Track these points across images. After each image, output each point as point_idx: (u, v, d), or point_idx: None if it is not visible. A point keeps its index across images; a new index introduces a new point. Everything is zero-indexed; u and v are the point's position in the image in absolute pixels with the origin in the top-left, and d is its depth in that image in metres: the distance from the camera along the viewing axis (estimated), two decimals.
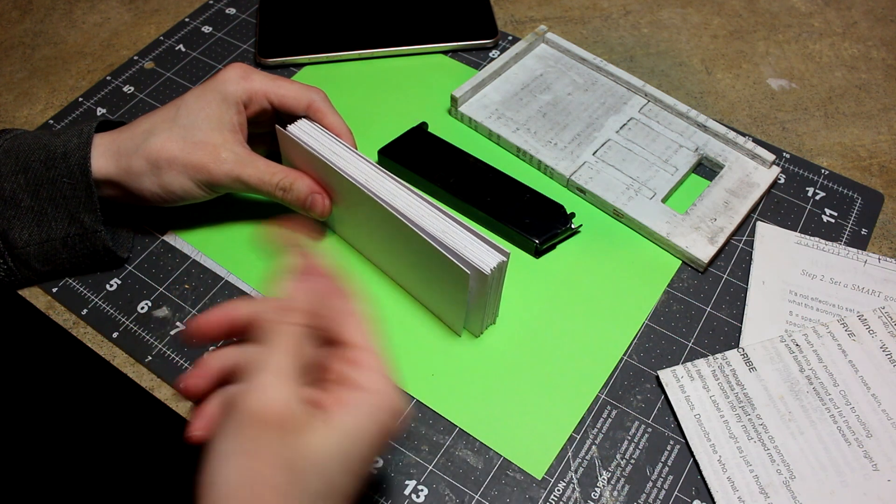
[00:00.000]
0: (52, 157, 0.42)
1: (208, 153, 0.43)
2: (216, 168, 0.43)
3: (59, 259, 0.44)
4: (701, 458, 0.39)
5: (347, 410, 0.29)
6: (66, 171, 0.42)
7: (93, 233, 0.44)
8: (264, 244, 0.46)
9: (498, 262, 0.38)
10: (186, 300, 0.46)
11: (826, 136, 0.55)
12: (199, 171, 0.43)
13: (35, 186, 0.43)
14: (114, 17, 0.64)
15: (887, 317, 0.44)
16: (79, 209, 0.43)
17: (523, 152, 0.52)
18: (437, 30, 0.60)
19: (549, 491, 0.39)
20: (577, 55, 0.57)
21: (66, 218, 0.43)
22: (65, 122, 0.55)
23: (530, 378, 0.42)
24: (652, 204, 0.49)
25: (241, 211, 0.50)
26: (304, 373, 0.30)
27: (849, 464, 0.39)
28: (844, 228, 0.49)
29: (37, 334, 0.50)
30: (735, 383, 0.42)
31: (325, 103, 0.46)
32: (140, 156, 0.42)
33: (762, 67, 0.60)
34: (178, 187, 0.43)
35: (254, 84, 0.44)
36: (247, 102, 0.45)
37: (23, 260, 0.44)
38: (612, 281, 0.47)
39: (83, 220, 0.43)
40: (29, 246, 0.43)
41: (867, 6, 0.65)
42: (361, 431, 0.29)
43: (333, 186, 0.44)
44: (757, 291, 0.46)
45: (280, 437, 0.27)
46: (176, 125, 0.43)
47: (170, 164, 0.42)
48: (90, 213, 0.43)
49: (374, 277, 0.46)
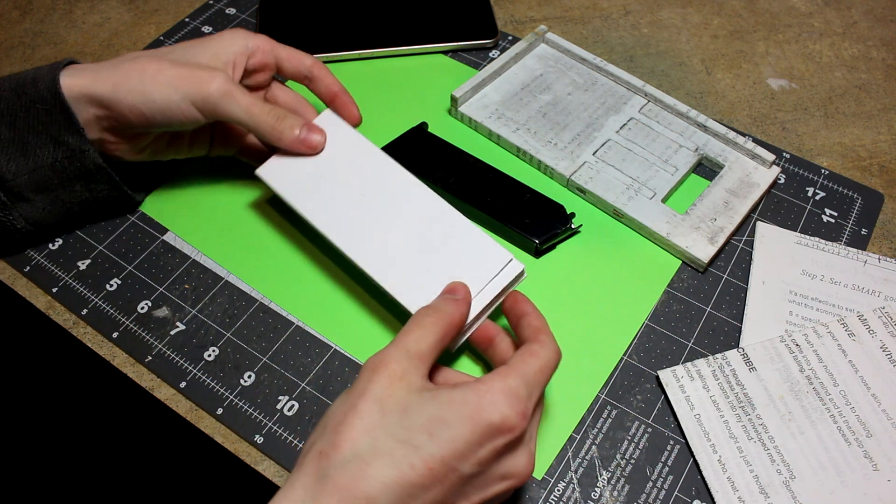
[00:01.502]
0: (22, 84, 0.41)
1: (201, 68, 0.42)
2: (209, 78, 0.41)
3: (53, 185, 0.43)
4: (701, 458, 0.39)
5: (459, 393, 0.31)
6: (37, 97, 0.41)
7: (80, 153, 0.42)
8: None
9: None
10: (186, 300, 0.46)
11: (826, 136, 0.55)
12: (190, 82, 0.41)
13: (10, 117, 0.41)
14: (114, 18, 0.64)
15: (887, 317, 0.44)
16: (60, 132, 0.41)
17: (523, 152, 0.52)
18: (437, 30, 0.60)
19: (549, 491, 0.39)
20: (577, 55, 0.57)
21: (49, 143, 0.42)
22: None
23: None
24: (652, 204, 0.49)
25: (242, 211, 0.50)
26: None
27: (849, 464, 0.39)
28: (844, 228, 0.49)
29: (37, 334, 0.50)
30: (735, 383, 0.42)
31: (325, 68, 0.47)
32: (125, 67, 0.41)
33: (762, 67, 0.60)
34: (164, 101, 0.41)
35: (259, 40, 0.45)
36: (252, 52, 0.44)
37: (16, 193, 0.43)
38: (612, 281, 0.47)
39: (68, 142, 0.42)
40: (18, 177, 0.42)
41: (867, 6, 0.65)
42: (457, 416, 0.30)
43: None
44: (757, 291, 0.46)
45: (387, 383, 0.31)
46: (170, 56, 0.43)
47: (156, 75, 0.41)
48: (73, 133, 0.41)
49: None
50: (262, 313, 0.45)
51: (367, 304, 0.46)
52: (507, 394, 0.31)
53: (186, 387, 0.42)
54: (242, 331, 0.44)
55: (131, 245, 0.48)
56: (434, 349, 0.34)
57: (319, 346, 0.44)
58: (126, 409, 0.74)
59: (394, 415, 0.30)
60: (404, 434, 0.29)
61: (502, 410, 0.30)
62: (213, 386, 0.42)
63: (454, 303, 0.36)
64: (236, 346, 0.44)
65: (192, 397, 0.42)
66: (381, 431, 0.30)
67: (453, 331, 0.35)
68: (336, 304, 0.45)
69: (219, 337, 0.44)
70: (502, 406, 0.30)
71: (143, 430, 0.75)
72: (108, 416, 0.78)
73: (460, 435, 0.29)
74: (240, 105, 0.42)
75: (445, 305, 0.36)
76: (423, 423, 0.30)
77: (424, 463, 0.29)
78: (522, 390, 0.31)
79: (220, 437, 0.41)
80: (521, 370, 0.32)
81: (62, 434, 0.80)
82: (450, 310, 0.36)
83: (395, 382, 0.31)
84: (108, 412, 0.78)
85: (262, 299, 0.46)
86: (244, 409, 0.41)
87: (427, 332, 0.34)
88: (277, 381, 0.43)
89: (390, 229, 0.43)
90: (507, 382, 0.31)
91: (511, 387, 0.31)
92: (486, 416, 0.30)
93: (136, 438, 0.77)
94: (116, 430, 0.78)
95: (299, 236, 0.49)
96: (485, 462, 0.30)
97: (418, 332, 0.34)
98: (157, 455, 0.76)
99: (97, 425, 0.80)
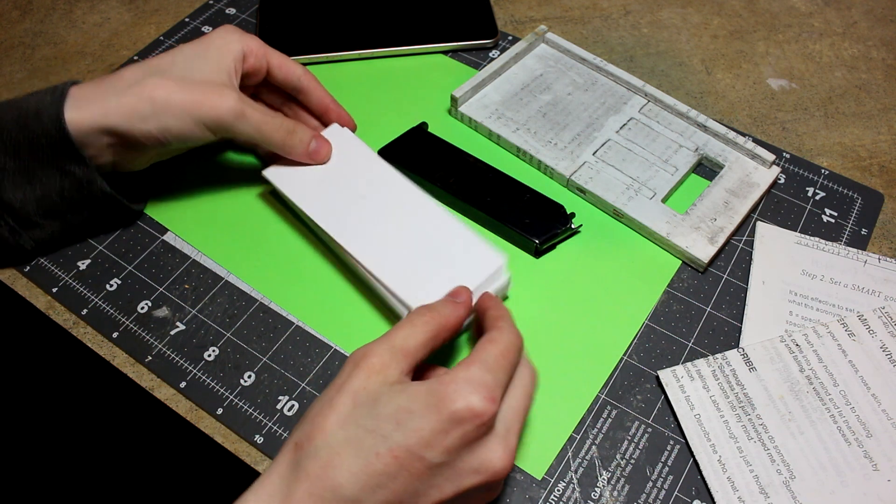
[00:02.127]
0: (25, 115, 0.41)
1: (210, 89, 0.42)
2: (220, 101, 0.41)
3: (61, 211, 0.43)
4: (701, 458, 0.39)
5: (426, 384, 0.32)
6: (41, 131, 0.40)
7: (88, 183, 0.42)
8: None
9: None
10: (186, 300, 0.46)
11: (826, 136, 0.55)
12: (202, 107, 0.41)
13: (14, 148, 0.41)
14: (114, 18, 0.64)
15: (887, 317, 0.44)
16: (66, 163, 0.41)
17: (523, 152, 0.52)
18: (437, 30, 0.60)
19: (549, 491, 0.39)
20: (577, 55, 0.57)
21: (56, 173, 0.42)
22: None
23: None
24: (652, 204, 0.49)
25: (242, 211, 0.50)
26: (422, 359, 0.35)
27: (849, 464, 0.39)
28: (844, 228, 0.49)
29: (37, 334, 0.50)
30: (735, 383, 0.42)
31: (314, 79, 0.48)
32: (133, 93, 0.41)
33: (762, 67, 0.60)
34: (178, 128, 0.41)
35: (252, 42, 0.45)
36: (245, 56, 0.44)
37: (23, 217, 0.43)
38: (612, 281, 0.47)
39: (74, 173, 0.42)
40: (26, 204, 0.42)
41: (867, 6, 0.65)
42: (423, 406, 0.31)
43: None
44: (757, 291, 0.46)
45: (364, 376, 0.32)
46: (173, 71, 0.42)
47: (168, 102, 0.41)
48: (80, 165, 0.41)
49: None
50: (262, 313, 0.45)
51: (367, 305, 0.46)
52: (469, 381, 0.31)
53: (186, 387, 0.42)
54: (242, 331, 0.44)
55: (131, 245, 0.48)
56: (422, 347, 0.34)
57: (319, 346, 0.44)
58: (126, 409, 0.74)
59: (364, 406, 0.31)
60: (373, 424, 0.30)
61: (466, 398, 0.31)
62: (213, 386, 0.42)
63: (452, 305, 0.37)
64: (236, 346, 0.44)
65: (192, 397, 0.42)
66: (352, 422, 0.31)
67: (446, 333, 0.35)
68: (336, 304, 0.45)
69: (219, 337, 0.44)
70: (465, 393, 0.31)
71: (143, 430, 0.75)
72: (108, 416, 0.78)
73: (426, 423, 0.30)
74: (251, 124, 0.43)
75: (443, 307, 0.36)
76: (391, 414, 0.31)
77: (390, 451, 0.30)
78: (486, 376, 0.32)
79: (220, 437, 0.41)
80: (482, 357, 0.33)
81: (62, 434, 0.80)
82: (446, 312, 0.36)
83: (373, 375, 0.32)
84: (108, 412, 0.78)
85: (262, 299, 0.46)
86: (244, 409, 0.41)
87: (417, 330, 0.34)
88: (277, 381, 0.43)
89: (388, 229, 0.44)
90: (469, 371, 0.32)
91: (473, 374, 0.32)
92: (450, 405, 0.30)
93: (136, 438, 0.77)
94: (116, 430, 0.78)
95: (299, 236, 0.49)
96: (452, 450, 0.30)
97: (408, 329, 0.34)
98: (157, 455, 0.76)
99: (97, 425, 0.80)
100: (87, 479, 0.78)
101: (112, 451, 0.79)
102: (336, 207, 0.45)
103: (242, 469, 0.40)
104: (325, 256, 0.48)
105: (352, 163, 0.48)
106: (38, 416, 0.81)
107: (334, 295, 0.46)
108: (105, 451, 0.79)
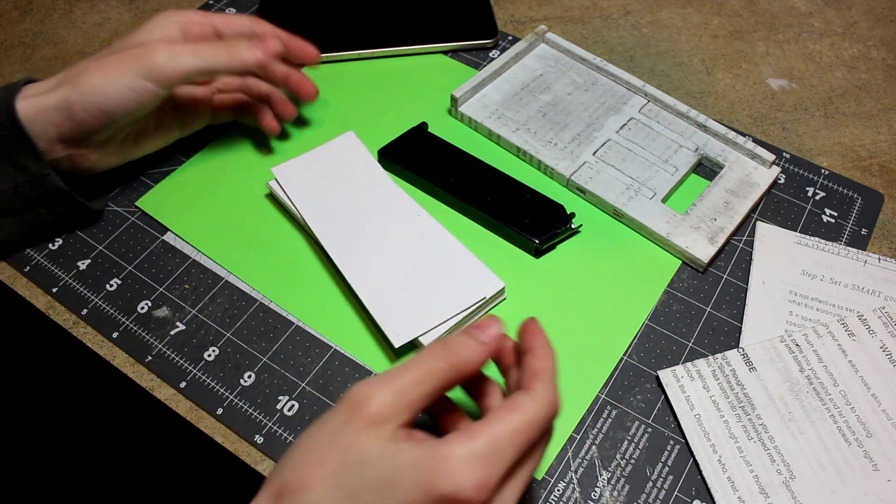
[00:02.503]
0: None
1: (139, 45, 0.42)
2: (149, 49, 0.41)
3: (17, 209, 0.44)
4: (701, 458, 0.39)
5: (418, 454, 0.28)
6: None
7: (41, 177, 0.42)
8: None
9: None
10: (186, 300, 0.46)
11: (826, 136, 0.55)
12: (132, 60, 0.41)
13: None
14: (114, 18, 0.64)
15: (887, 317, 0.44)
16: (20, 157, 0.42)
17: (523, 152, 0.52)
18: (437, 30, 0.60)
19: (549, 491, 0.39)
20: (577, 55, 0.57)
21: (10, 168, 0.42)
22: None
23: None
24: (652, 204, 0.49)
25: (241, 211, 0.50)
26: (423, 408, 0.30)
27: (849, 464, 0.39)
28: (844, 228, 0.49)
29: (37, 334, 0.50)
30: (735, 383, 0.42)
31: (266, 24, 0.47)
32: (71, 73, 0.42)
33: (762, 67, 0.60)
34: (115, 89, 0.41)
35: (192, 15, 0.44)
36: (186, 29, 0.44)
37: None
38: (612, 281, 0.47)
39: (28, 167, 0.42)
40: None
41: (867, 6, 0.65)
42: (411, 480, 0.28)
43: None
44: (757, 291, 0.46)
45: (360, 426, 0.29)
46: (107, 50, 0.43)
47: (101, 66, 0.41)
48: (33, 159, 0.42)
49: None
50: (262, 313, 0.45)
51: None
52: (467, 461, 0.27)
53: (186, 387, 0.42)
54: (242, 331, 0.44)
55: (131, 245, 0.48)
56: (428, 397, 0.30)
57: (319, 346, 0.44)
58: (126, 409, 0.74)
59: (353, 466, 0.28)
60: (358, 488, 0.28)
61: (456, 481, 0.27)
62: (213, 386, 0.42)
63: (475, 347, 0.31)
64: (236, 346, 0.44)
65: (192, 397, 0.42)
66: (336, 483, 0.28)
67: (460, 379, 0.31)
68: (336, 304, 0.45)
69: (219, 337, 0.44)
70: (457, 476, 0.27)
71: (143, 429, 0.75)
72: (108, 416, 0.78)
73: (409, 498, 0.27)
74: (188, 55, 0.42)
75: (463, 348, 0.31)
76: (378, 481, 0.28)
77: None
78: (490, 456, 0.28)
79: (220, 437, 0.41)
80: (494, 431, 0.28)
81: (62, 434, 0.80)
82: (465, 354, 0.31)
83: (368, 428, 0.29)
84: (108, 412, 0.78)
85: (262, 299, 0.46)
86: (244, 409, 0.41)
87: (427, 377, 0.30)
88: (277, 381, 0.43)
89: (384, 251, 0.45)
90: (472, 446, 0.28)
91: (475, 450, 0.27)
92: (438, 486, 0.27)
93: (136, 438, 0.77)
94: (116, 430, 0.78)
95: (299, 237, 0.49)
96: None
97: (417, 373, 0.30)
98: (158, 455, 0.76)
99: (97, 425, 0.79)
100: (87, 479, 0.78)
101: (112, 451, 0.79)
102: (336, 222, 0.46)
103: (242, 469, 0.40)
104: (325, 257, 0.48)
105: (358, 174, 0.49)
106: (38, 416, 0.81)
107: (334, 295, 0.46)
108: (105, 451, 0.79)
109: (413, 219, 0.47)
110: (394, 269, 0.44)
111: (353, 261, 0.45)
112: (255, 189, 0.51)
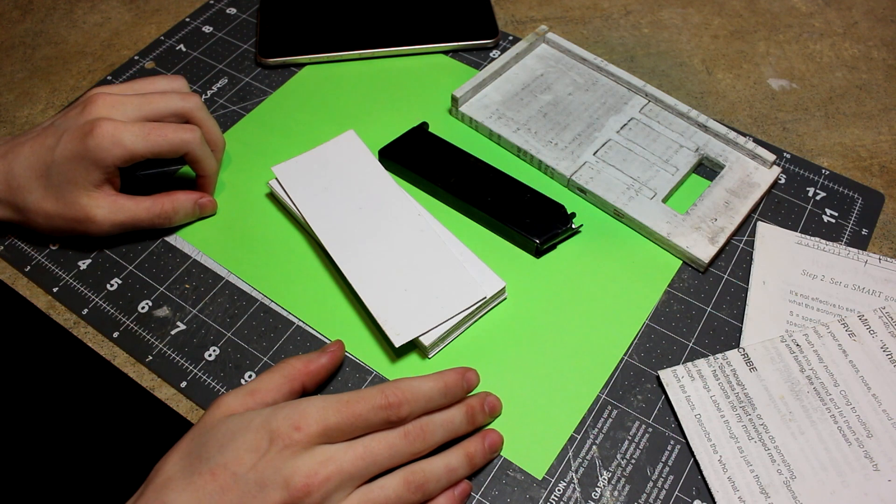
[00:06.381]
0: None
1: (83, 214, 0.44)
2: (93, 227, 0.45)
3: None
4: (701, 458, 0.39)
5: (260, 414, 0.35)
6: None
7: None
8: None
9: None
10: (186, 300, 0.46)
11: (826, 136, 0.55)
12: (79, 226, 0.45)
13: None
14: (114, 17, 0.64)
15: (888, 317, 0.44)
16: None
17: (524, 152, 0.52)
18: (438, 30, 0.60)
19: (550, 491, 0.39)
20: (577, 55, 0.57)
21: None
22: None
23: (530, 378, 0.42)
24: (652, 204, 0.49)
25: (242, 211, 0.50)
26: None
27: (849, 464, 0.39)
28: (845, 228, 0.49)
29: (37, 334, 0.50)
30: (735, 383, 0.42)
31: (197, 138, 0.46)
32: (20, 206, 0.45)
33: (763, 67, 0.60)
34: (62, 233, 0.46)
35: (125, 149, 0.44)
36: (121, 164, 0.44)
37: None
38: (613, 281, 0.47)
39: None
40: None
41: (867, 6, 0.65)
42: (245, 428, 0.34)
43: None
44: (757, 291, 0.46)
45: (211, 412, 0.36)
46: (49, 184, 0.44)
47: (48, 220, 0.45)
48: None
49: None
50: (263, 313, 0.45)
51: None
52: (297, 405, 0.35)
53: (187, 386, 0.42)
54: (243, 330, 0.44)
55: (132, 245, 0.48)
56: (275, 390, 0.37)
57: (320, 345, 0.44)
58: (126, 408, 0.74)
59: (200, 436, 0.34)
60: (202, 450, 0.34)
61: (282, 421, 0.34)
62: (214, 386, 0.42)
63: (318, 354, 0.40)
64: (237, 346, 0.44)
65: (192, 397, 0.42)
66: (186, 453, 0.34)
67: (304, 378, 0.39)
68: (336, 304, 0.45)
69: (219, 337, 0.44)
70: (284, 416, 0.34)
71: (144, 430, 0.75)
72: (108, 416, 0.78)
73: (245, 442, 0.33)
74: (127, 225, 0.46)
75: (309, 356, 0.40)
76: (220, 438, 0.34)
77: (210, 470, 0.33)
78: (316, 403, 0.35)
79: None
80: (335, 396, 0.36)
81: (62, 434, 0.80)
82: (308, 358, 0.40)
83: (217, 411, 0.36)
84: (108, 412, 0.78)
85: (262, 299, 0.46)
86: None
87: (274, 376, 0.38)
88: None
89: (384, 251, 0.45)
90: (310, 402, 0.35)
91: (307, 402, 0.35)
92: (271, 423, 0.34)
93: (137, 438, 0.77)
94: (116, 430, 0.78)
95: (299, 236, 0.49)
96: (266, 466, 0.33)
97: (266, 375, 0.38)
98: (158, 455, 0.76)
99: (97, 425, 0.79)
100: (87, 479, 0.78)
101: (112, 451, 0.79)
102: (336, 221, 0.46)
103: None
104: (325, 256, 0.48)
105: (359, 174, 0.49)
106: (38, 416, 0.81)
107: (334, 295, 0.46)
108: (105, 451, 0.79)
109: (414, 218, 0.47)
110: (394, 269, 0.44)
111: (353, 260, 0.45)
112: (255, 188, 0.51)
